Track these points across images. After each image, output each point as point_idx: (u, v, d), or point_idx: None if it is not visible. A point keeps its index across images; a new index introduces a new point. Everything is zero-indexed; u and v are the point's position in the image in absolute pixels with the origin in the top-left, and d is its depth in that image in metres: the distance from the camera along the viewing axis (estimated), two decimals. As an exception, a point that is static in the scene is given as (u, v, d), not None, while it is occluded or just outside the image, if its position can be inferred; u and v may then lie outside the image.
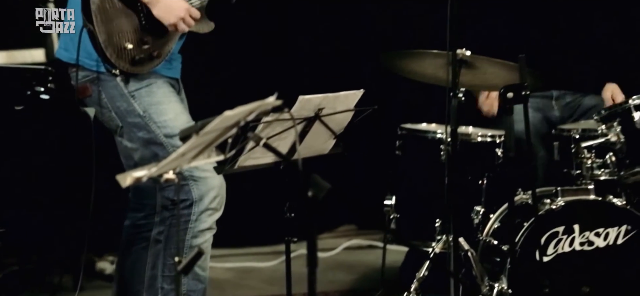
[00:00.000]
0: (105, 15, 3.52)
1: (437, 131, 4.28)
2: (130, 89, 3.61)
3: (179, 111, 3.68)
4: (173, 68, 3.77)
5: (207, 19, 3.73)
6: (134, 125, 3.65)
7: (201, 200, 3.68)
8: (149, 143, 3.65)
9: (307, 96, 3.25)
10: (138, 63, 3.58)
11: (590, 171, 4.12)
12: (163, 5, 3.56)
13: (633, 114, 4.07)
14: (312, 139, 3.39)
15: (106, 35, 3.52)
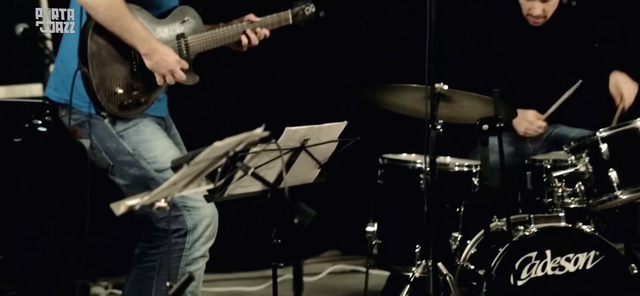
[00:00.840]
0: (100, 60, 3.51)
1: (416, 161, 4.28)
2: (118, 130, 3.60)
3: (167, 146, 3.67)
4: (158, 108, 3.75)
5: (193, 72, 3.72)
6: (125, 163, 3.63)
7: (195, 229, 3.65)
8: (141, 179, 3.63)
9: (293, 127, 3.24)
10: (126, 108, 3.58)
11: (560, 200, 4.13)
12: (156, 58, 3.55)
13: (600, 146, 4.08)
14: (297, 169, 3.38)
15: (99, 79, 3.51)
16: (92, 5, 3.46)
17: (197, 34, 3.69)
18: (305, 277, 4.93)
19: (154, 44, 3.54)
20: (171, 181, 2.91)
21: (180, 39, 3.65)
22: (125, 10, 3.48)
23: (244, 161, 3.08)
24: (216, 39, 3.71)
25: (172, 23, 3.65)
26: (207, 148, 2.88)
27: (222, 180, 3.09)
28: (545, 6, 4.53)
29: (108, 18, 3.46)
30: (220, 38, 3.73)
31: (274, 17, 3.82)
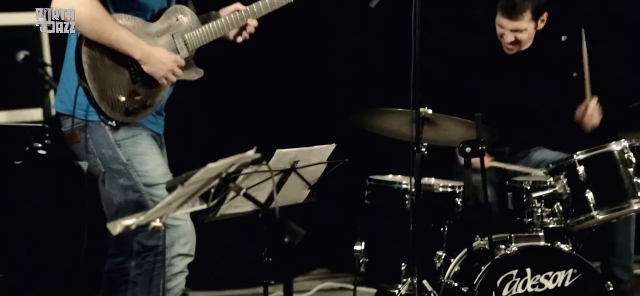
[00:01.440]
0: (97, 72, 3.49)
1: (402, 182, 4.28)
2: (117, 138, 3.58)
3: (159, 163, 3.65)
4: (157, 124, 3.74)
5: (196, 67, 3.70)
6: (115, 172, 3.61)
7: (172, 246, 3.63)
8: (127, 190, 3.61)
9: (283, 149, 3.24)
10: (132, 113, 3.56)
11: (540, 220, 4.13)
12: (153, 61, 3.53)
13: (577, 168, 4.08)
14: (288, 190, 3.38)
15: (99, 91, 3.50)
16: (77, 21, 3.45)
17: (194, 29, 3.66)
18: (295, 294, 4.90)
19: (146, 49, 3.52)
20: (166, 201, 2.90)
21: (177, 36, 3.63)
22: (110, 22, 3.46)
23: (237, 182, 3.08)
24: (213, 30, 3.67)
25: (166, 23, 3.62)
26: (201, 170, 2.88)
27: (216, 200, 3.08)
28: (517, 34, 4.53)
29: (94, 32, 3.45)
30: (215, 31, 3.68)
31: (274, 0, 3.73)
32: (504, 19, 4.50)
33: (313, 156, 3.38)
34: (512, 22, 4.48)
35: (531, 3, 4.47)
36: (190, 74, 3.68)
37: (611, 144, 4.13)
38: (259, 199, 3.18)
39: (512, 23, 4.49)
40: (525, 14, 4.48)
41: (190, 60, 3.67)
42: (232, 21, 3.69)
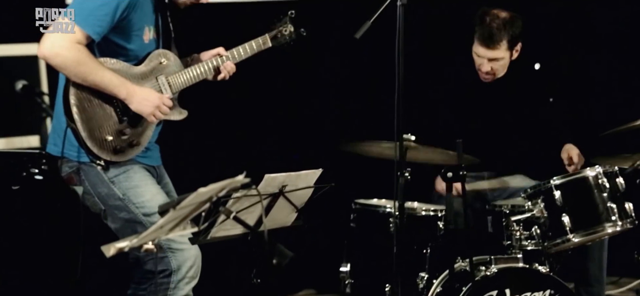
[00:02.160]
0: (85, 113, 3.48)
1: (386, 206, 4.27)
2: (110, 176, 3.56)
3: (154, 192, 3.64)
4: (149, 157, 3.72)
5: (179, 108, 3.70)
6: (115, 207, 3.60)
7: (179, 270, 3.61)
8: (129, 222, 3.59)
9: (272, 174, 3.23)
10: (119, 152, 3.54)
11: (518, 242, 4.13)
12: (138, 100, 3.52)
13: (554, 193, 4.08)
14: (276, 213, 3.37)
15: (87, 132, 3.48)
16: (62, 65, 3.43)
17: (177, 72, 3.66)
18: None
19: (130, 88, 3.51)
20: (158, 224, 2.89)
21: (161, 79, 3.62)
22: (94, 64, 3.44)
23: (227, 206, 3.07)
24: (196, 75, 3.68)
25: (151, 66, 3.62)
26: (192, 194, 2.86)
27: (206, 224, 3.07)
28: (493, 64, 4.54)
29: (79, 75, 3.43)
30: (198, 74, 3.69)
31: (252, 44, 3.78)
32: (482, 48, 4.50)
33: (301, 181, 3.37)
34: (489, 51, 4.49)
35: (507, 33, 4.48)
36: (174, 114, 3.68)
37: (586, 170, 4.14)
38: (248, 222, 3.17)
39: (489, 52, 4.49)
40: (502, 44, 4.49)
41: (174, 101, 3.67)
42: (214, 66, 3.73)
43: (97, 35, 3.44)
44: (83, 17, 3.41)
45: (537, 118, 4.71)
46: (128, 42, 3.53)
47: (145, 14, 3.56)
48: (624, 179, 4.17)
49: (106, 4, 3.42)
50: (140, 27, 3.55)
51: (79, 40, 3.41)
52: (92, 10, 3.42)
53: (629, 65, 5.36)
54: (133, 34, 3.53)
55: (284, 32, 3.79)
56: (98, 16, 3.42)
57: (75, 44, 3.40)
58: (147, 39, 3.59)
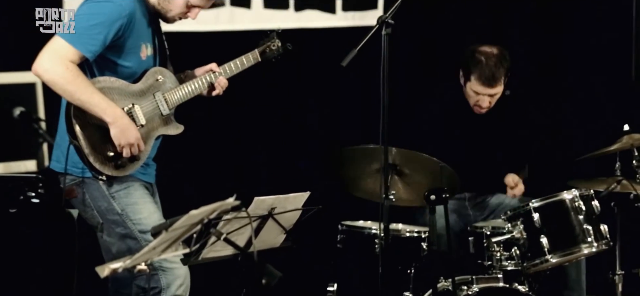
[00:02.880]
0: (87, 131, 3.47)
1: (372, 228, 4.26)
2: (111, 191, 3.55)
3: (152, 210, 3.63)
4: (147, 174, 3.72)
5: (175, 123, 3.70)
6: (112, 222, 3.58)
7: (168, 288, 3.59)
8: (125, 237, 3.57)
9: (261, 197, 3.22)
10: (121, 167, 3.53)
11: (499, 262, 4.13)
12: (118, 127, 3.49)
13: (533, 215, 4.09)
14: (265, 234, 3.36)
15: (90, 148, 3.47)
16: (51, 82, 3.42)
17: (173, 89, 3.65)
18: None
19: (118, 113, 3.49)
20: (151, 245, 2.87)
21: (158, 95, 3.61)
22: (82, 83, 3.43)
23: (217, 228, 3.05)
24: (191, 90, 3.68)
25: (148, 83, 3.61)
26: (184, 216, 2.85)
27: (197, 245, 3.05)
28: (492, 99, 4.57)
29: (67, 93, 3.42)
30: (194, 90, 3.70)
31: (243, 59, 3.78)
32: (483, 87, 4.52)
33: (289, 203, 3.37)
34: (486, 88, 4.52)
35: (503, 68, 4.52)
36: (170, 129, 3.68)
37: (563, 193, 4.15)
38: (238, 243, 3.16)
39: (490, 90, 4.52)
40: (501, 80, 4.53)
41: (170, 116, 3.67)
42: (208, 81, 3.72)
43: (90, 54, 3.43)
44: (76, 36, 3.41)
45: (514, 142, 4.72)
46: (125, 60, 3.53)
47: (141, 31, 3.56)
48: (599, 202, 4.19)
49: (100, 24, 3.42)
50: (136, 44, 3.55)
51: (72, 58, 3.40)
52: (85, 29, 3.41)
53: (603, 94, 5.39)
54: (130, 51, 3.53)
55: (272, 48, 3.81)
56: (91, 35, 3.41)
57: (66, 62, 3.39)
58: (144, 56, 3.59)
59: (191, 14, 3.64)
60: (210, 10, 4.88)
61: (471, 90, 4.55)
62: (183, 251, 3.04)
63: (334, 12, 5.15)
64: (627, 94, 5.25)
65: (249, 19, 4.96)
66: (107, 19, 3.42)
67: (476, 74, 4.50)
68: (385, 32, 3.55)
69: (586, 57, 5.41)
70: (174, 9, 3.60)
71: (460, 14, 5.32)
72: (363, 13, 5.17)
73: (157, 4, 3.60)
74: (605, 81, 5.38)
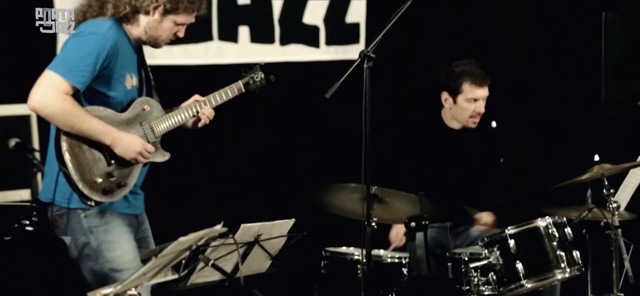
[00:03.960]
0: (76, 158, 3.44)
1: (354, 254, 4.24)
2: (90, 225, 3.51)
3: (127, 250, 3.56)
4: (133, 205, 3.66)
5: (162, 150, 3.66)
6: (87, 256, 3.54)
7: None
8: (96, 273, 3.53)
9: (248, 224, 3.20)
10: (108, 193, 3.50)
11: (477, 287, 4.12)
12: (123, 145, 3.48)
13: (509, 242, 4.10)
14: (252, 260, 3.34)
15: (79, 175, 3.44)
16: (51, 115, 3.40)
17: (159, 118, 3.63)
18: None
19: (115, 135, 3.47)
20: (141, 271, 2.85)
21: (144, 124, 3.59)
22: (81, 113, 3.42)
23: (205, 254, 3.03)
24: (176, 120, 3.65)
25: (135, 112, 3.58)
26: (173, 242, 2.83)
27: (186, 270, 3.03)
28: (484, 102, 4.59)
29: (66, 124, 3.41)
30: (180, 119, 3.67)
31: (227, 91, 3.75)
32: (479, 90, 4.55)
33: (275, 230, 3.35)
34: (483, 89, 4.57)
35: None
36: (156, 157, 3.64)
37: (537, 220, 4.16)
38: (225, 269, 3.14)
39: (484, 90, 4.58)
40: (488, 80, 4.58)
41: (157, 144, 3.64)
42: (194, 111, 3.70)
43: (81, 85, 3.42)
44: (67, 68, 3.40)
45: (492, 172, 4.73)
46: (110, 90, 3.51)
47: (126, 61, 3.55)
48: (571, 229, 4.21)
49: (88, 55, 3.41)
50: (121, 74, 3.53)
51: (66, 91, 3.40)
52: (75, 62, 3.41)
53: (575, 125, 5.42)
54: (115, 81, 3.51)
55: (255, 79, 3.79)
56: (80, 67, 3.40)
57: (62, 95, 3.38)
58: (129, 86, 3.57)
59: (180, 33, 3.63)
60: (199, 45, 4.90)
61: (465, 100, 4.56)
62: (172, 277, 3.02)
63: (317, 47, 5.17)
64: (597, 126, 5.28)
65: (236, 53, 4.96)
66: (94, 51, 3.42)
67: (468, 81, 4.53)
68: (367, 65, 3.55)
69: (558, 90, 5.44)
70: (163, 33, 3.58)
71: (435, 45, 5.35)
72: (345, 47, 5.19)
73: (144, 34, 3.58)
74: (576, 113, 5.41)
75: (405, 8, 3.57)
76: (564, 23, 5.41)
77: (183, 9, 3.53)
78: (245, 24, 5.02)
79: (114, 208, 3.56)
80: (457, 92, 4.56)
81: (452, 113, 4.64)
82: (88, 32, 3.46)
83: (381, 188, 3.85)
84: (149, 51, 3.68)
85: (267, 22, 5.06)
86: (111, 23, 3.49)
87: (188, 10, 3.54)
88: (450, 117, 4.68)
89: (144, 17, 3.53)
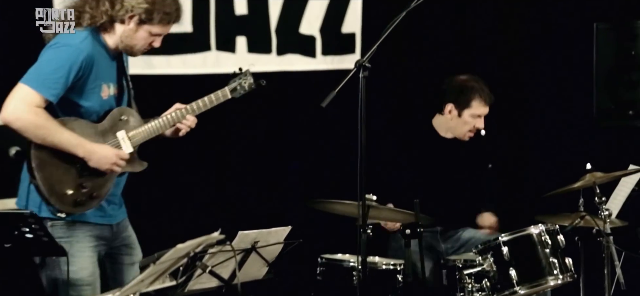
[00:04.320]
0: (46, 170, 3.43)
1: (350, 260, 4.24)
2: (55, 235, 3.46)
3: (83, 266, 3.53)
4: (107, 215, 3.63)
5: (139, 160, 3.64)
6: (47, 263, 3.52)
7: None
8: (50, 281, 3.52)
9: (245, 231, 3.20)
10: (79, 204, 3.48)
11: (471, 294, 4.12)
12: (96, 157, 3.47)
13: (502, 249, 4.10)
14: (249, 267, 3.34)
15: (48, 187, 3.42)
16: (23, 129, 3.39)
17: (136, 127, 3.60)
18: None
19: (88, 147, 3.46)
20: (140, 278, 2.85)
21: (121, 134, 3.56)
22: (53, 126, 3.41)
23: (203, 261, 3.03)
24: (153, 129, 3.62)
25: (111, 123, 3.56)
26: (171, 249, 2.83)
27: (184, 277, 3.03)
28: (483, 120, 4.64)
29: (38, 137, 3.40)
30: (157, 128, 3.63)
31: (212, 97, 3.70)
32: (485, 107, 4.62)
33: (271, 237, 3.35)
34: (487, 108, 4.62)
35: None
36: (134, 166, 3.61)
37: (530, 227, 4.17)
38: (222, 275, 3.14)
39: (487, 108, 4.63)
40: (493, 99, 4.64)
41: (134, 154, 3.60)
42: (172, 119, 3.66)
43: (54, 97, 3.41)
44: (40, 82, 3.39)
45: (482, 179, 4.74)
46: (85, 100, 3.50)
47: (101, 72, 3.53)
48: (564, 236, 4.21)
49: (60, 68, 3.40)
50: (97, 85, 3.51)
51: (38, 104, 3.38)
52: (47, 75, 3.40)
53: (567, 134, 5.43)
54: (89, 92, 3.50)
55: (243, 84, 3.75)
56: (53, 79, 3.39)
57: (34, 108, 3.37)
58: (105, 96, 3.55)
59: (155, 43, 3.61)
60: (197, 54, 4.90)
61: (471, 115, 4.60)
62: (170, 284, 3.01)
63: (314, 56, 5.18)
64: (589, 134, 5.29)
65: (234, 62, 4.96)
66: (66, 63, 3.41)
67: (477, 99, 4.59)
68: (362, 74, 3.56)
69: (551, 100, 5.46)
70: (138, 43, 3.56)
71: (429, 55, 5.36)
72: (341, 57, 5.20)
73: (119, 42, 3.55)
74: (569, 121, 5.42)
75: (399, 19, 3.58)
76: (556, 34, 5.42)
77: (158, 20, 3.51)
78: (242, 34, 5.03)
79: (85, 219, 3.53)
80: (465, 106, 4.59)
81: (450, 124, 4.66)
82: (61, 44, 3.45)
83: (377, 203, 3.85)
84: (147, 60, 3.68)
85: (265, 33, 5.06)
86: (86, 34, 3.48)
87: (163, 21, 3.52)
88: (445, 128, 4.70)
89: (120, 26, 3.52)
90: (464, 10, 5.34)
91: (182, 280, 3.03)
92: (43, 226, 3.40)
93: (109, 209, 3.61)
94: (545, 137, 5.44)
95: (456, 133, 4.66)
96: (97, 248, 3.59)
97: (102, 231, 3.60)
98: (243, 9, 5.01)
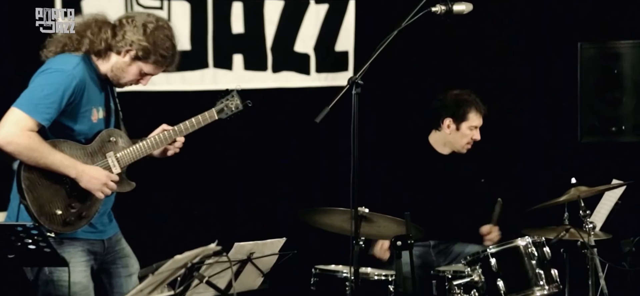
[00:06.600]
0: (36, 191, 3.39)
1: (343, 271, 4.21)
2: None
3: (76, 280, 3.49)
4: (98, 231, 3.60)
5: (128, 180, 3.60)
6: (42, 282, 3.48)
7: None
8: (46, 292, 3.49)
9: (241, 242, 3.18)
10: (69, 224, 3.45)
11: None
12: (87, 177, 3.43)
13: (490, 260, 4.10)
14: (245, 277, 3.32)
15: (37, 207, 3.39)
16: (16, 152, 3.36)
17: (125, 148, 3.57)
18: None
19: (80, 168, 3.43)
20: (139, 288, 2.83)
21: (109, 155, 3.53)
22: (45, 149, 3.38)
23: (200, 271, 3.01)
24: (142, 150, 3.58)
25: (100, 144, 3.53)
26: (169, 260, 2.82)
27: (181, 287, 3.01)
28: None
29: (31, 159, 3.37)
30: (145, 149, 3.59)
31: (199, 118, 3.66)
32: (480, 119, 4.62)
33: (267, 248, 3.34)
34: (482, 118, 4.61)
35: None
36: (123, 187, 3.58)
37: (517, 240, 4.17)
38: (219, 286, 3.12)
39: (481, 119, 4.61)
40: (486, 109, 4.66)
41: (122, 175, 3.57)
42: (160, 140, 3.62)
43: (46, 121, 3.39)
44: (33, 106, 3.37)
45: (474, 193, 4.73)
46: (76, 124, 3.47)
47: (92, 96, 3.50)
48: (550, 248, 4.21)
49: (53, 93, 3.38)
50: (88, 109, 3.49)
51: (31, 127, 3.36)
52: (40, 99, 3.37)
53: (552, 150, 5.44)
54: (81, 116, 3.47)
55: (230, 105, 3.71)
56: (46, 104, 3.37)
57: (26, 132, 3.35)
58: (95, 119, 3.53)
59: (143, 81, 3.59)
60: (195, 71, 4.90)
61: (468, 128, 4.60)
62: (168, 294, 2.99)
63: (308, 74, 5.18)
64: (574, 150, 5.29)
65: (231, 79, 4.96)
66: (59, 88, 3.38)
67: (473, 111, 4.60)
68: (355, 91, 3.55)
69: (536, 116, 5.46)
70: (127, 76, 3.54)
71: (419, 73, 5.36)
72: (335, 74, 5.20)
73: (109, 71, 3.53)
74: (554, 137, 5.43)
75: (391, 38, 3.58)
76: (542, 53, 5.44)
77: (153, 61, 3.50)
78: (239, 52, 5.03)
79: (76, 235, 3.50)
80: (463, 119, 4.60)
81: (449, 139, 4.65)
82: (54, 69, 3.42)
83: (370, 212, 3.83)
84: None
85: (260, 51, 5.06)
86: (79, 60, 3.45)
87: (157, 63, 3.51)
88: (442, 143, 4.69)
89: (115, 56, 3.49)
90: (453, 31, 5.35)
91: (180, 290, 3.00)
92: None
93: (99, 224, 3.58)
94: (531, 153, 5.44)
95: (455, 147, 4.66)
96: (89, 263, 3.56)
97: (93, 246, 3.57)
98: (240, 28, 5.01)
